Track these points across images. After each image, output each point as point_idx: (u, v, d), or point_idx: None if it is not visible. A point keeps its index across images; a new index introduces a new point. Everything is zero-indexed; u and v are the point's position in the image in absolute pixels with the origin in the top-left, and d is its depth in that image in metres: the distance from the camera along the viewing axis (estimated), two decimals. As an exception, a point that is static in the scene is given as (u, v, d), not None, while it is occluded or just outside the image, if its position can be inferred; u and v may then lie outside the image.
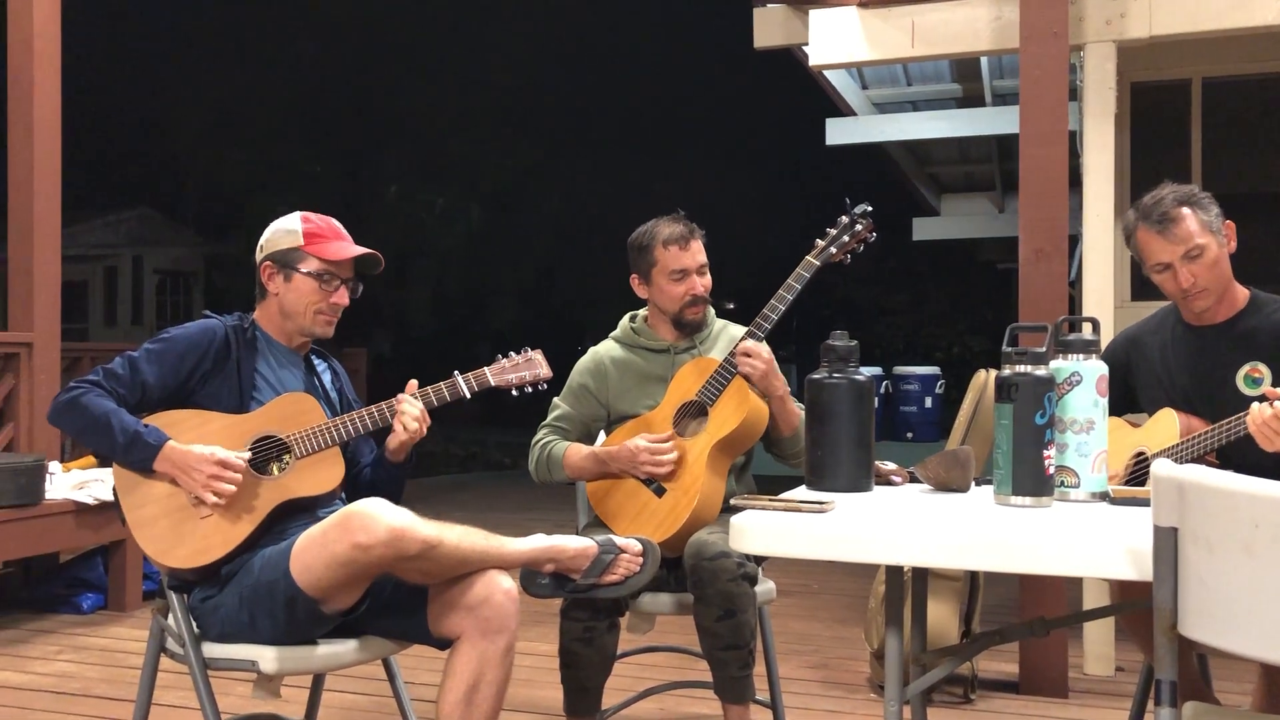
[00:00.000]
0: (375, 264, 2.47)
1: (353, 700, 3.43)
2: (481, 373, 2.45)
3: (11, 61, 4.93)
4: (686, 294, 2.78)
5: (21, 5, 4.90)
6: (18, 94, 4.92)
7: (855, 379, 2.07)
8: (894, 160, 8.52)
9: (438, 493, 9.46)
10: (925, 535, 1.66)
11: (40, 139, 4.92)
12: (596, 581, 2.30)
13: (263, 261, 2.43)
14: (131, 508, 2.25)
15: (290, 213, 2.48)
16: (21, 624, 4.45)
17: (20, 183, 4.93)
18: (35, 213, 4.93)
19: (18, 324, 4.97)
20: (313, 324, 2.43)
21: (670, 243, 2.77)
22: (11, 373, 4.91)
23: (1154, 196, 2.44)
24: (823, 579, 5.36)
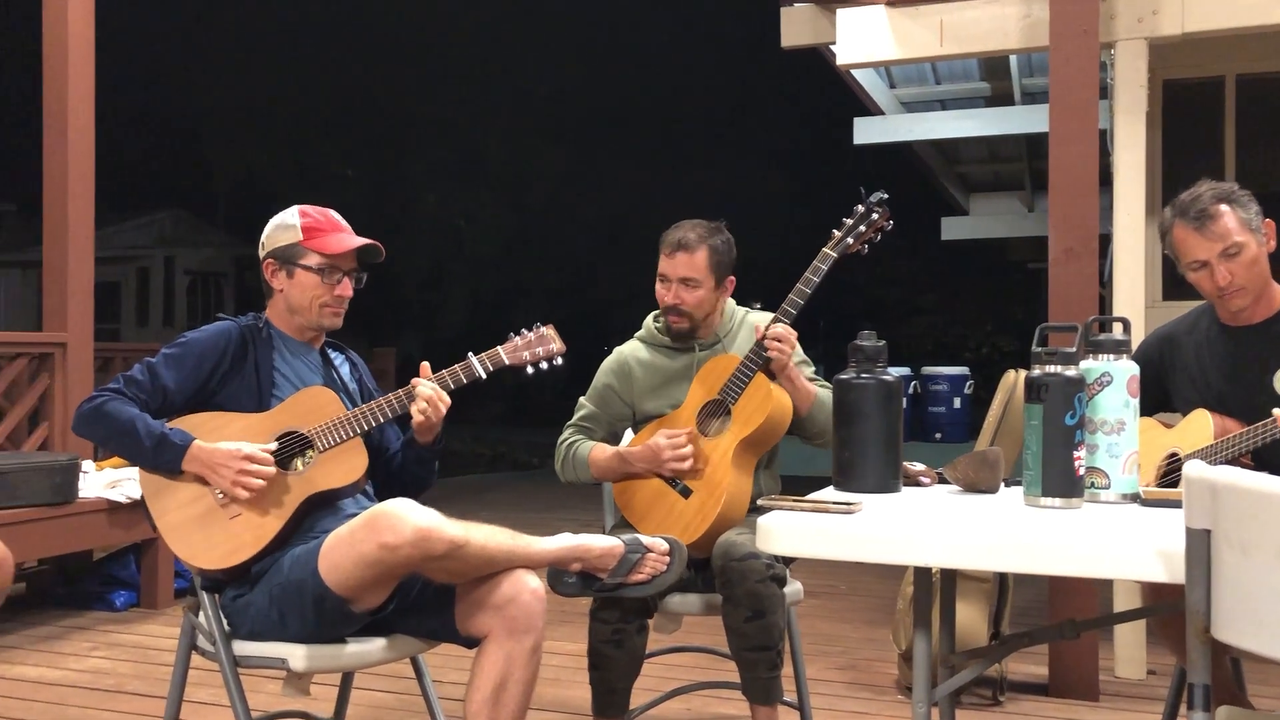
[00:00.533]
0: (376, 254, 2.47)
1: (381, 698, 3.45)
2: (495, 352, 2.45)
3: (47, 66, 4.98)
4: (659, 298, 2.79)
5: (56, 10, 4.96)
6: (53, 98, 4.98)
7: (883, 379, 2.07)
8: (922, 159, 8.48)
9: (464, 492, 9.49)
10: (954, 536, 1.65)
11: (74, 142, 4.98)
12: (623, 581, 2.30)
13: (265, 259, 2.45)
14: (160, 513, 2.27)
15: (288, 208, 2.49)
16: (57, 620, 4.50)
17: (55, 186, 5.00)
18: (69, 215, 4.99)
19: (52, 324, 5.03)
20: (319, 317, 2.44)
21: (664, 246, 2.78)
22: (46, 373, 4.97)
23: (1192, 193, 2.41)
24: (850, 580, 5.34)
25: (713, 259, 2.76)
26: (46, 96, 4.99)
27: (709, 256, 2.75)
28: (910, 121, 7.21)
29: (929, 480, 2.20)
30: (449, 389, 2.39)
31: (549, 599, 2.22)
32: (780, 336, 2.60)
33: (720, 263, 2.77)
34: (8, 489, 4.09)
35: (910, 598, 3.48)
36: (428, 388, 2.36)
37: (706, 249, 2.75)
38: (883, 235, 2.66)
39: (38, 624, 4.44)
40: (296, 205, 2.48)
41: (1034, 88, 6.58)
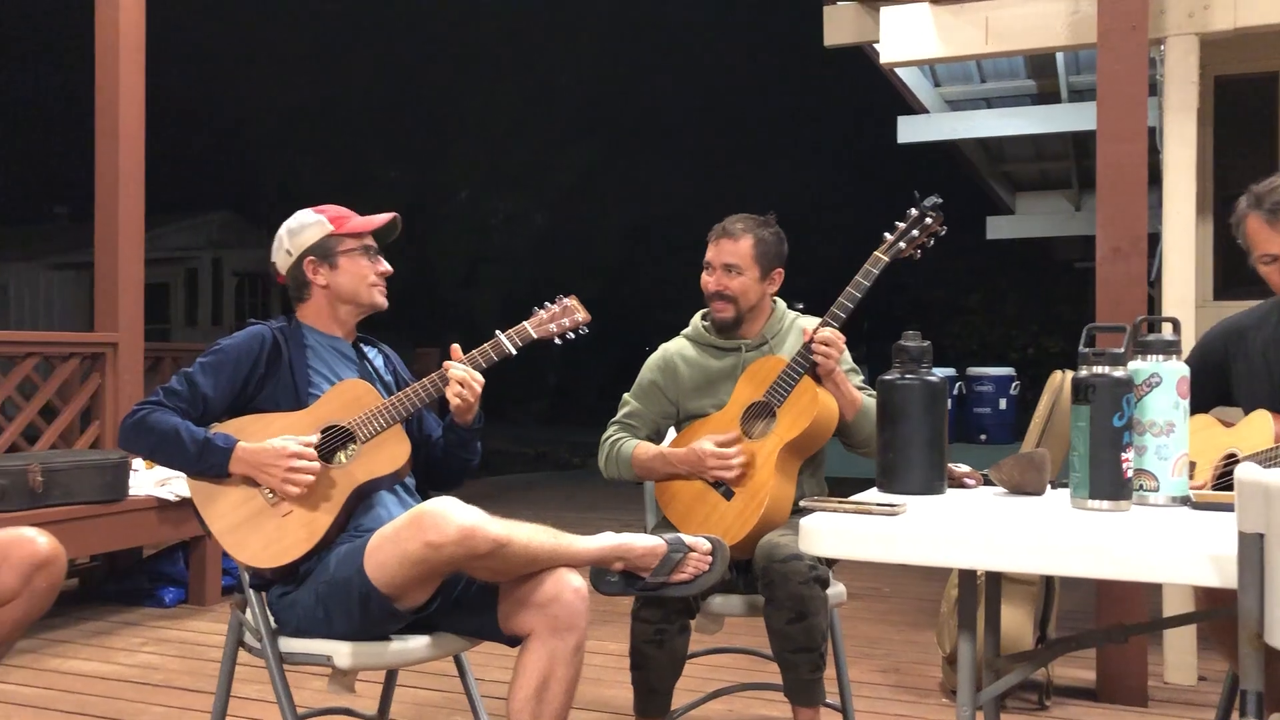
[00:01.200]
0: (394, 230, 2.53)
1: (425, 696, 3.48)
2: (522, 327, 2.47)
3: (99, 72, 5.07)
4: (703, 286, 2.80)
5: (108, 16, 5.05)
6: (104, 104, 5.06)
7: (928, 380, 2.05)
8: (967, 158, 8.40)
9: (508, 491, 9.54)
10: (999, 538, 1.64)
11: (125, 147, 5.06)
12: (666, 580, 2.30)
13: (302, 260, 2.47)
14: (213, 518, 2.30)
15: (296, 212, 2.52)
16: (107, 616, 4.58)
17: (106, 189, 5.08)
18: (120, 218, 5.07)
19: (103, 325, 5.12)
20: (372, 296, 2.49)
21: (712, 233, 2.81)
22: (97, 372, 5.06)
23: (1269, 184, 2.35)
24: (894, 582, 5.31)
25: (758, 248, 2.76)
26: (98, 102, 5.08)
27: (754, 245, 2.76)
28: (955, 120, 7.15)
29: (974, 482, 2.18)
30: (480, 368, 2.41)
31: (591, 598, 2.23)
32: (828, 341, 2.59)
33: (766, 253, 2.77)
34: (60, 487, 4.16)
35: (954, 600, 3.45)
36: (460, 369, 2.39)
37: (752, 238, 2.76)
38: (935, 239, 2.64)
39: (89, 619, 4.52)
40: (303, 209, 2.52)
41: (1081, 85, 6.50)
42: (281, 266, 2.50)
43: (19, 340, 5.24)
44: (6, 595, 2.06)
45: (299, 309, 2.52)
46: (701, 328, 2.89)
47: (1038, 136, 7.50)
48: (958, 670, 1.86)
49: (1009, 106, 7.14)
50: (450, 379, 2.38)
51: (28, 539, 2.11)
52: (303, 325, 2.50)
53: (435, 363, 8.63)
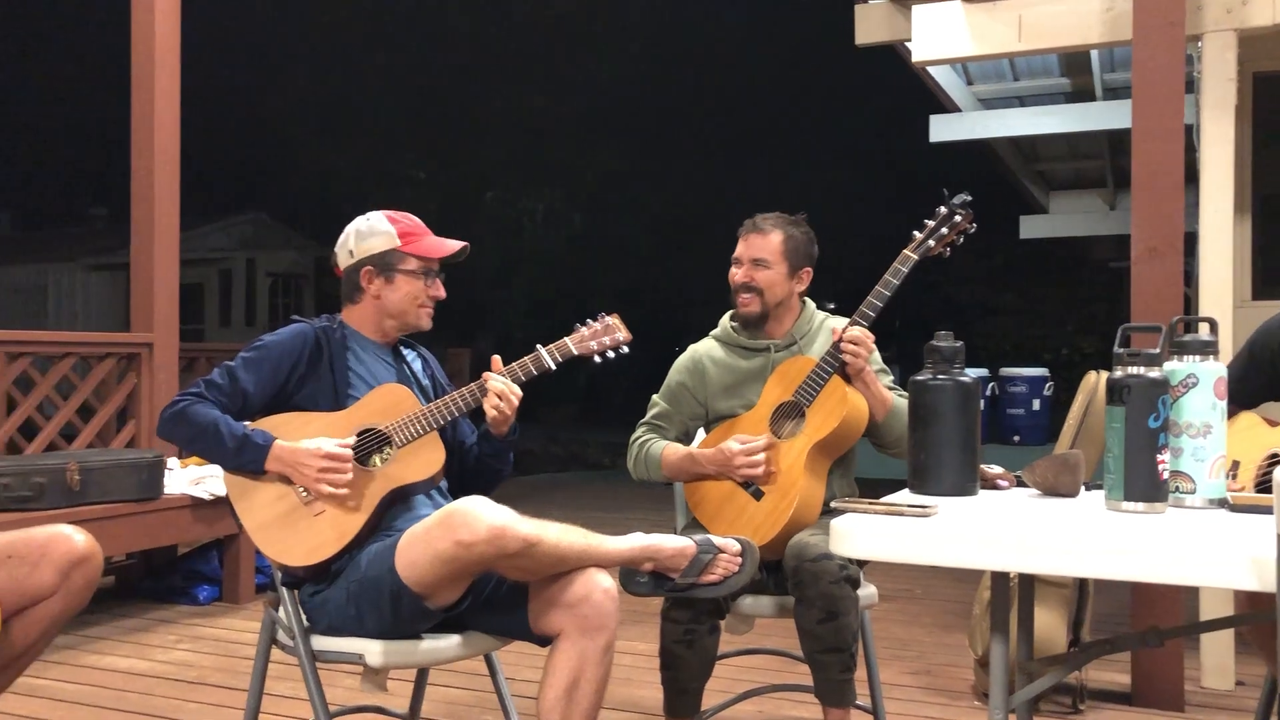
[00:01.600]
0: (461, 257, 2.53)
1: (456, 695, 3.49)
2: (563, 343, 2.48)
3: (135, 77, 5.13)
4: (731, 279, 2.79)
5: (144, 20, 5.11)
6: (140, 108, 5.12)
7: (960, 380, 2.03)
8: (1000, 157, 8.33)
9: (538, 491, 9.56)
10: (1033, 540, 1.62)
11: (160, 150, 5.12)
12: (695, 581, 2.30)
13: (362, 266, 2.48)
14: (246, 513, 2.32)
15: (367, 214, 2.53)
16: (143, 613, 4.63)
17: (142, 191, 5.14)
18: (155, 219, 5.13)
19: (139, 325, 5.18)
20: (418, 318, 2.50)
21: (741, 229, 2.81)
22: (133, 372, 5.12)
23: None
24: (925, 584, 5.28)
25: (788, 245, 2.76)
26: (134, 106, 5.14)
27: (784, 241, 2.76)
28: (988, 119, 7.10)
29: (1007, 483, 2.16)
30: (520, 381, 2.42)
31: (621, 599, 2.23)
32: (857, 340, 2.58)
33: (796, 251, 2.77)
34: (97, 485, 4.21)
35: (987, 603, 3.43)
36: (499, 382, 2.39)
37: (782, 234, 2.76)
38: (965, 237, 2.62)
39: (126, 616, 4.57)
40: (378, 211, 2.53)
41: (1116, 83, 6.44)
42: (341, 263, 2.52)
43: (57, 340, 5.32)
44: (44, 592, 2.08)
45: (346, 309, 2.54)
46: (730, 328, 2.89)
47: (1072, 135, 7.43)
48: (990, 673, 1.84)
49: (1042, 105, 7.08)
50: (489, 390, 2.39)
51: (65, 536, 2.13)
52: (346, 326, 2.52)
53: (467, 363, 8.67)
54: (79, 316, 22.12)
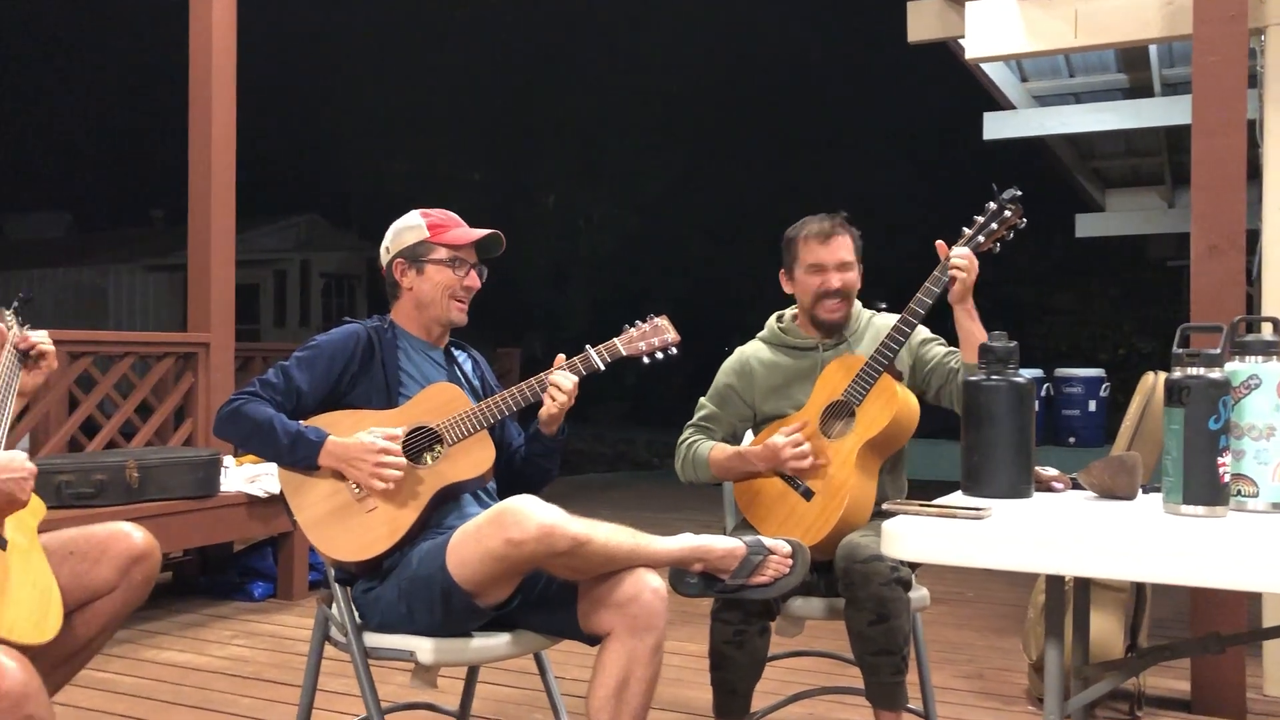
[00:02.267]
0: (497, 246, 2.55)
1: (506, 693, 3.51)
2: (612, 344, 2.48)
3: (192, 81, 5.22)
4: (820, 286, 2.74)
5: (201, 26, 5.19)
6: (197, 112, 5.21)
7: (1015, 381, 2.01)
8: (1055, 154, 8.21)
9: (586, 491, 9.59)
10: (1089, 544, 1.60)
11: (217, 153, 5.20)
12: (745, 582, 2.29)
13: (394, 260, 2.52)
14: (300, 508, 2.35)
15: (408, 212, 2.57)
16: (200, 609, 4.71)
17: (199, 194, 5.23)
18: (212, 222, 5.21)
19: (196, 325, 5.27)
20: (449, 310, 2.52)
21: (812, 237, 2.76)
22: (190, 371, 5.20)
23: None
24: (978, 587, 5.22)
25: (857, 244, 2.77)
26: (191, 111, 5.23)
27: (854, 241, 2.77)
28: (1043, 115, 6.99)
29: (1062, 486, 2.13)
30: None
31: (670, 599, 2.23)
32: (965, 256, 2.51)
33: (860, 249, 2.78)
34: (155, 483, 4.29)
35: (1041, 607, 3.38)
36: (567, 379, 2.40)
37: (849, 234, 2.76)
38: (1015, 233, 2.58)
39: (183, 611, 4.65)
40: (416, 209, 2.56)
41: (1175, 78, 6.31)
42: (382, 262, 2.56)
43: (117, 340, 5.42)
44: (105, 588, 2.13)
45: (393, 308, 2.58)
46: (777, 329, 2.87)
47: (1129, 131, 7.31)
48: (1045, 678, 1.82)
49: (1099, 101, 6.96)
50: (551, 383, 2.40)
51: (124, 533, 2.17)
52: (396, 326, 2.55)
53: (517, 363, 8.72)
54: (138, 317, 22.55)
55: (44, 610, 1.91)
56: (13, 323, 2.26)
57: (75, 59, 32.86)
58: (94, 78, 32.84)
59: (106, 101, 32.62)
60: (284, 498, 2.37)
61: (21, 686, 1.60)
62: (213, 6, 5.15)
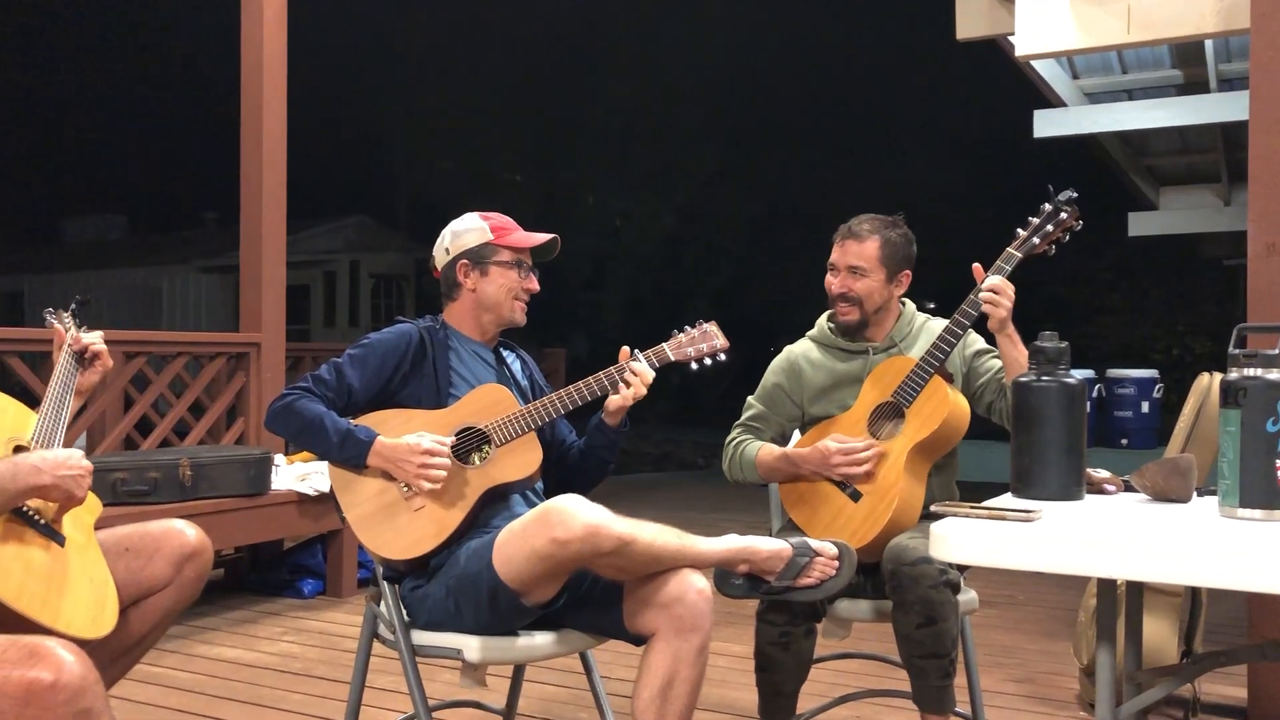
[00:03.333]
0: (553, 249, 2.57)
1: (552, 692, 3.52)
2: (660, 349, 2.48)
3: (244, 85, 5.29)
4: (828, 288, 2.75)
5: (253, 30, 5.27)
6: (249, 115, 5.28)
7: (1065, 382, 1.98)
8: (1107, 152, 8.10)
9: (631, 491, 9.60)
10: (1142, 547, 1.57)
11: (268, 155, 5.27)
12: (791, 584, 2.29)
13: (457, 261, 2.54)
14: (349, 505, 2.38)
15: (462, 215, 2.59)
16: (250, 606, 4.78)
17: (250, 196, 5.30)
18: (263, 223, 5.28)
19: (248, 326, 5.34)
20: (513, 311, 2.54)
21: (835, 236, 2.76)
22: (242, 371, 5.28)
23: None
24: (1028, 590, 5.15)
25: (885, 250, 2.70)
26: (243, 114, 5.30)
27: (881, 247, 2.70)
28: (1094, 113, 6.89)
29: (1114, 488, 2.10)
30: (616, 387, 2.44)
31: (716, 600, 2.22)
32: (996, 288, 2.49)
33: (894, 255, 2.72)
34: (208, 481, 4.36)
35: (1093, 610, 3.33)
36: (647, 370, 2.42)
37: (879, 239, 2.71)
38: (1070, 235, 2.55)
39: (234, 608, 4.72)
40: (471, 212, 2.59)
41: (1232, 74, 6.20)
42: (439, 263, 2.58)
43: (171, 340, 5.52)
44: (158, 584, 2.16)
45: (447, 309, 2.60)
46: (827, 329, 2.85)
47: (1184, 129, 7.18)
48: (1096, 683, 1.79)
49: (1152, 98, 6.86)
50: (629, 371, 2.42)
51: (178, 531, 2.21)
52: (448, 326, 2.57)
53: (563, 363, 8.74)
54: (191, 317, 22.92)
55: (100, 605, 1.94)
56: (70, 324, 2.30)
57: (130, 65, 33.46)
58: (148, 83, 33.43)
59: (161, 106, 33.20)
60: (334, 496, 2.40)
61: (79, 680, 1.63)
62: (264, 11, 5.22)
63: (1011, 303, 2.50)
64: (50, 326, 2.31)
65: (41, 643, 1.65)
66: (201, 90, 23.49)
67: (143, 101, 33.80)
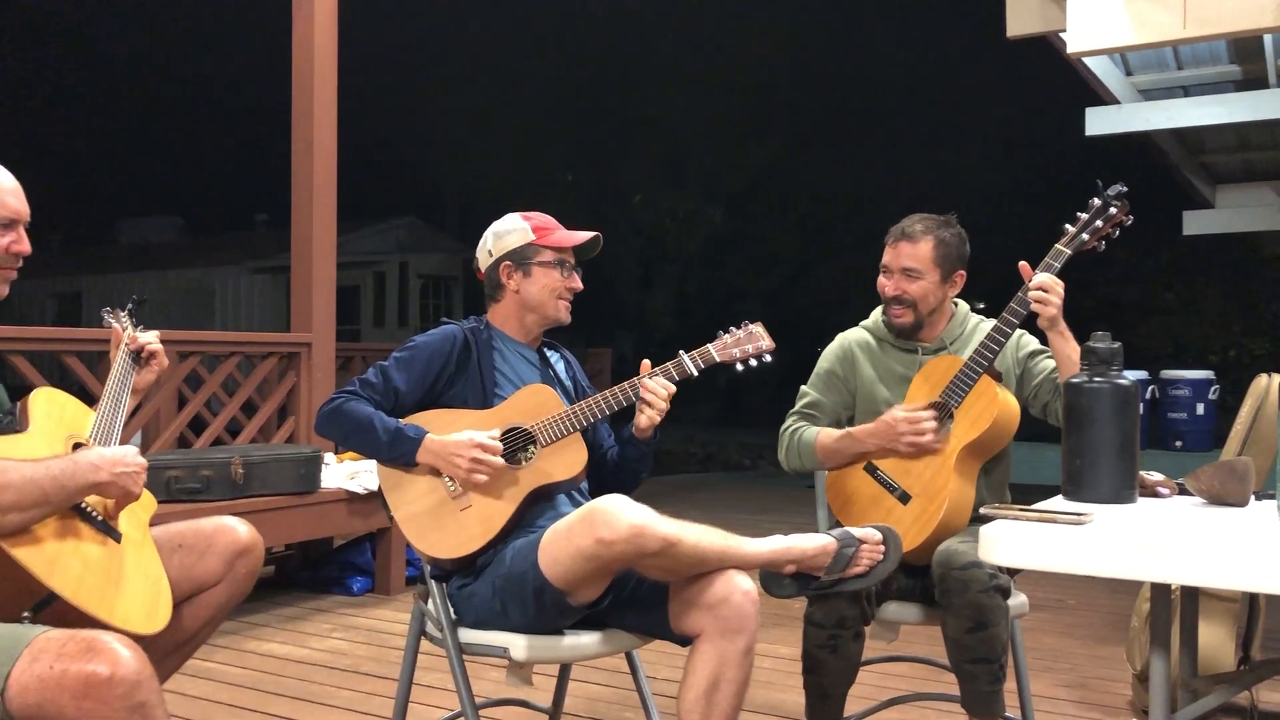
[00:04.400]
0: (595, 247, 2.57)
1: (597, 691, 3.53)
2: (706, 349, 2.48)
3: (295, 88, 5.36)
4: (880, 290, 2.72)
5: (304, 33, 5.33)
6: (300, 119, 5.34)
7: (1118, 383, 1.95)
8: (1161, 150, 7.96)
9: (676, 492, 9.59)
10: (1196, 551, 1.55)
11: (319, 158, 5.33)
12: (841, 576, 2.27)
13: (500, 262, 2.55)
14: (397, 504, 2.40)
15: (503, 216, 2.60)
16: (300, 602, 4.83)
17: (301, 198, 5.36)
18: (314, 225, 5.34)
19: (299, 326, 5.41)
20: (557, 311, 2.55)
21: (888, 237, 2.73)
22: (293, 370, 5.34)
23: None
24: (1080, 594, 5.08)
25: (939, 251, 2.67)
26: (294, 118, 5.37)
27: (935, 248, 2.67)
28: (1148, 110, 6.78)
29: (1168, 491, 2.07)
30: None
31: (761, 600, 2.22)
32: (1045, 286, 2.45)
33: (948, 256, 2.68)
34: (259, 479, 4.42)
35: (1146, 615, 3.28)
36: (661, 387, 2.41)
37: (933, 240, 2.67)
38: (1120, 230, 2.51)
39: (284, 605, 4.78)
40: (513, 213, 2.60)
41: (1292, 69, 6.07)
42: (482, 264, 2.60)
43: (223, 340, 5.60)
44: (211, 580, 2.19)
45: (491, 309, 2.61)
46: (882, 322, 2.83)
47: (1242, 125, 7.04)
48: (1150, 689, 1.76)
49: (1209, 94, 6.73)
50: (646, 389, 2.42)
51: (230, 528, 2.24)
52: (492, 327, 2.59)
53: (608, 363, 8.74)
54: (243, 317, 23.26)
55: (155, 601, 1.98)
56: (127, 324, 2.34)
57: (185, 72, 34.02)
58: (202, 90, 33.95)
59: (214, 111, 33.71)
60: (382, 494, 2.42)
61: (135, 674, 1.66)
62: (314, 15, 5.28)
63: (1061, 300, 2.46)
64: (107, 326, 2.36)
65: (99, 637, 1.68)
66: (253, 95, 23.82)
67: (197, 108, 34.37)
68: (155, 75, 34.29)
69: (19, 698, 1.62)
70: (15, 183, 2.04)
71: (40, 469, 1.82)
